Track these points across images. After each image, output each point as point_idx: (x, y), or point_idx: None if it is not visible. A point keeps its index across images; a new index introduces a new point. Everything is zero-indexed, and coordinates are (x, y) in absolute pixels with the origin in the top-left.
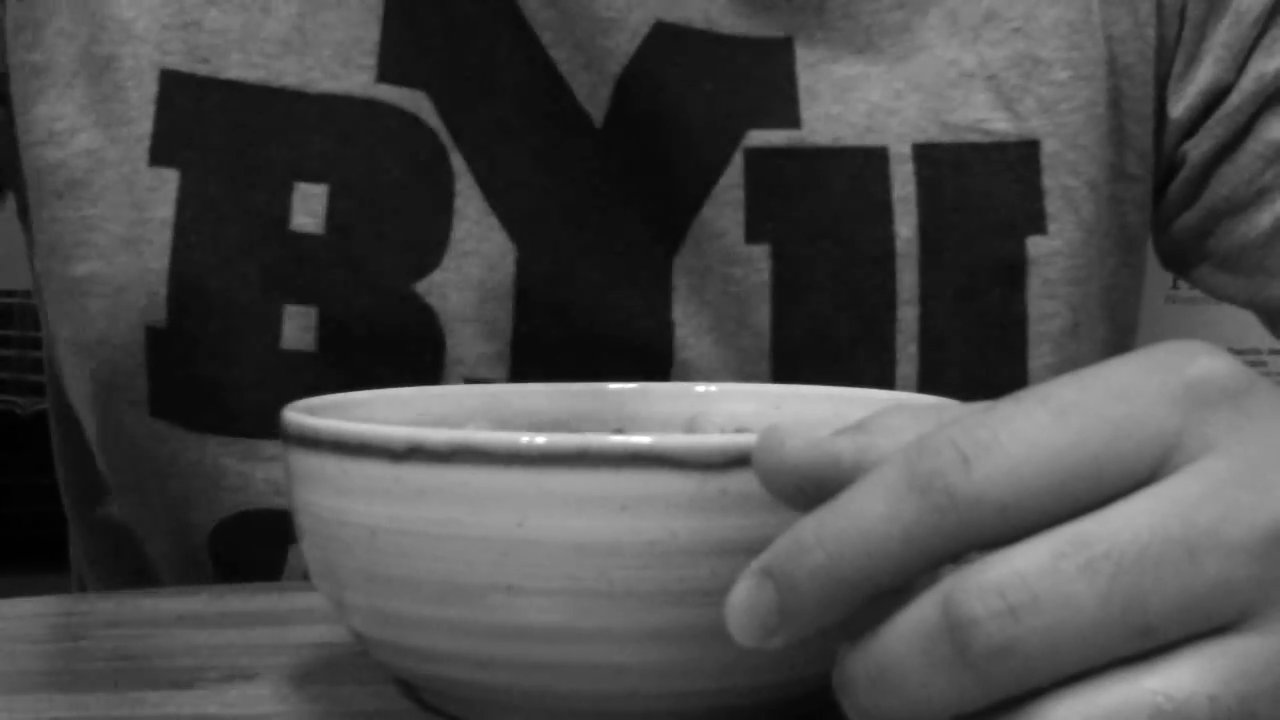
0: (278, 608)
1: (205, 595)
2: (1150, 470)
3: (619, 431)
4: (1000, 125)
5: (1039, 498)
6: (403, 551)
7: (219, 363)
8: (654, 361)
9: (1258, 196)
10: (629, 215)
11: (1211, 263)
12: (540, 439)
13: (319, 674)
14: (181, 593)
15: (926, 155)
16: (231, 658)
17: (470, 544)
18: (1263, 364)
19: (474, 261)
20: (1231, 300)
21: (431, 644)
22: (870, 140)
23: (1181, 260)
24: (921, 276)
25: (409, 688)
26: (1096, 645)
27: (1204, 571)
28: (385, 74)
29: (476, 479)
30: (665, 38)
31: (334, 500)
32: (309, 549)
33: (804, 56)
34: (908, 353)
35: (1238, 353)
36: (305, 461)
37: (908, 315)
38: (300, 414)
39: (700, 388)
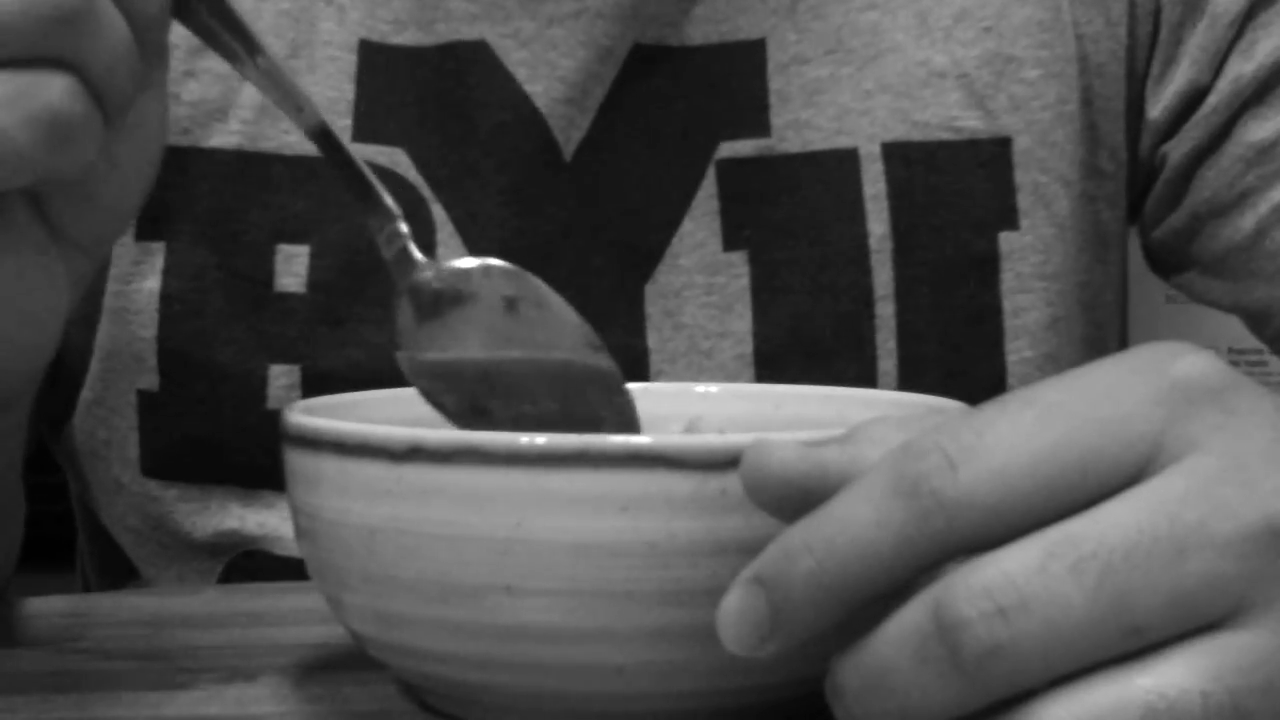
0: (278, 608)
1: (205, 595)
2: (1136, 470)
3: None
4: (972, 123)
5: (1025, 499)
6: (403, 551)
7: (207, 424)
8: None
9: (1240, 199)
10: (600, 246)
11: (1198, 268)
12: (540, 439)
13: (319, 674)
14: (182, 593)
15: (897, 154)
16: (231, 658)
17: (470, 544)
18: (1264, 364)
19: None
20: (1218, 305)
21: (431, 644)
22: (840, 142)
23: (1169, 265)
24: (896, 272)
25: (409, 688)
26: (1087, 645)
27: (1192, 568)
28: (361, 133)
29: (476, 479)
30: (644, 60)
31: (334, 500)
32: (308, 549)
33: (776, 58)
34: (887, 348)
35: (1239, 353)
36: (305, 462)
37: (885, 311)
38: (300, 414)
39: (700, 388)
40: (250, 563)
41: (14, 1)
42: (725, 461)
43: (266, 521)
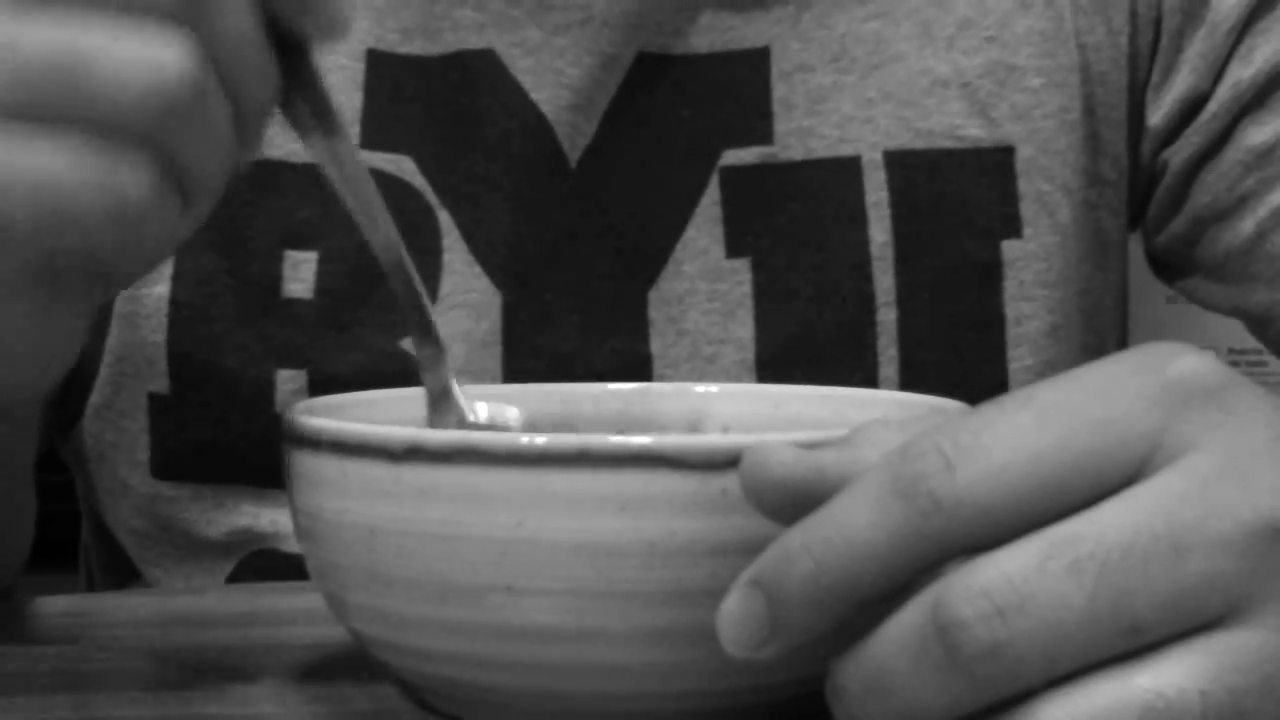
0: (278, 608)
1: (206, 596)
2: (1133, 470)
3: (620, 432)
4: (974, 132)
5: (1023, 499)
6: (403, 551)
7: (217, 427)
8: None
9: (1240, 203)
10: (604, 252)
11: (1201, 273)
12: (540, 439)
13: (319, 674)
14: (183, 593)
15: (899, 161)
16: (231, 658)
17: (470, 544)
18: (1264, 364)
19: (461, 314)
20: (1220, 309)
21: (431, 644)
22: (843, 150)
23: (1173, 271)
24: (898, 279)
25: (409, 688)
26: (1086, 644)
27: (1189, 567)
28: (369, 140)
29: (476, 479)
30: (649, 69)
31: (334, 500)
32: (309, 549)
33: (779, 67)
34: (889, 354)
35: (1239, 354)
36: (305, 462)
37: (887, 318)
38: (300, 414)
39: (700, 388)
40: (260, 561)
41: (117, 84)
42: (726, 461)
43: (279, 519)
